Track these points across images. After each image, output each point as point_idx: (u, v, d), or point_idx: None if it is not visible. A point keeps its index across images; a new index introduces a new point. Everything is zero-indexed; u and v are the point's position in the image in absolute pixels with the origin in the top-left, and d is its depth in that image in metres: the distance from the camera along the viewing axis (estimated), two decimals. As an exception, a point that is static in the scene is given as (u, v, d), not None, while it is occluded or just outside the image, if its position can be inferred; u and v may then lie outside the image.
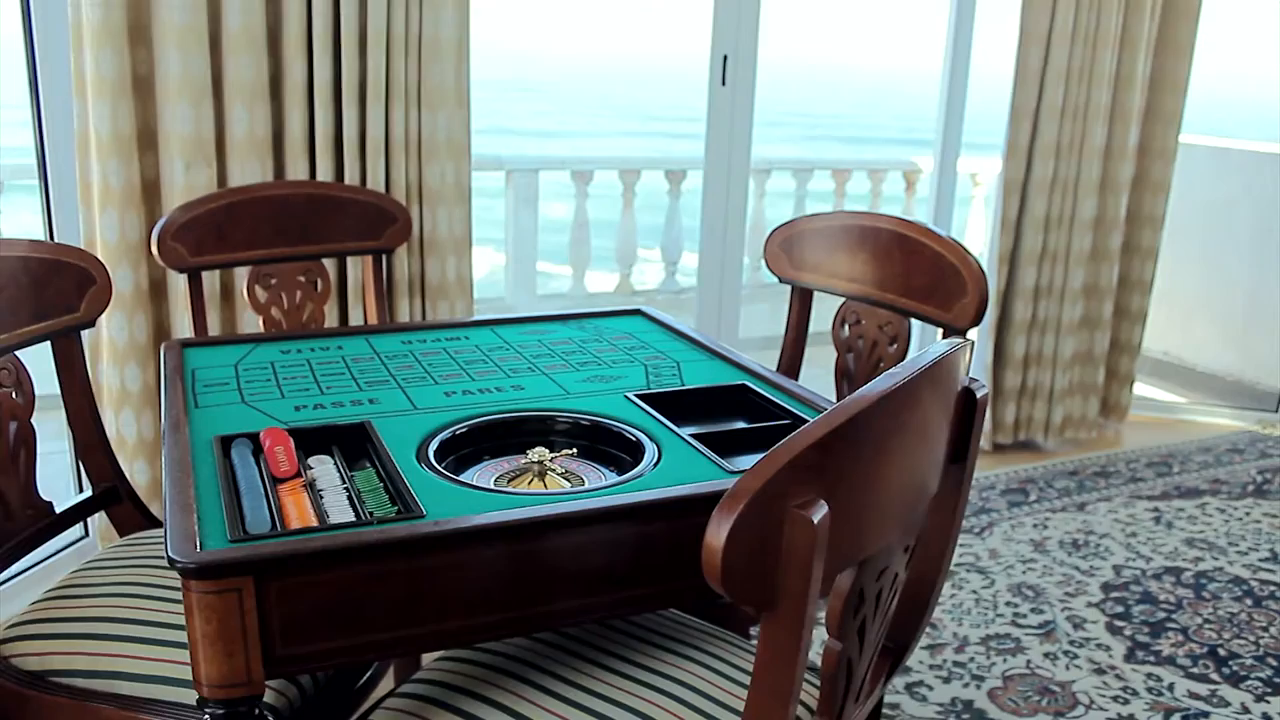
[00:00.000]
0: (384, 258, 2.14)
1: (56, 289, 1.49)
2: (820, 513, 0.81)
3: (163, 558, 1.43)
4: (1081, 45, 3.22)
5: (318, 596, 1.00)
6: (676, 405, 1.45)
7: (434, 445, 1.27)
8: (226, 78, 2.24)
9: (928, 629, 2.34)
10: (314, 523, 1.06)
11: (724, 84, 3.04)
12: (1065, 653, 2.32)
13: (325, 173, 2.35)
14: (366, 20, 2.30)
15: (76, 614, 1.32)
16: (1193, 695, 2.18)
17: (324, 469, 1.21)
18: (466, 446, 1.32)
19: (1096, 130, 3.32)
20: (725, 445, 1.32)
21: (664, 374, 1.58)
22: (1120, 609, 2.52)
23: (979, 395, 1.11)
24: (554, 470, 1.26)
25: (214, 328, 2.34)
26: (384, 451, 1.23)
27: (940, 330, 1.73)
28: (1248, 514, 3.10)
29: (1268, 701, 2.17)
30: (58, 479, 2.33)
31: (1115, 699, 2.16)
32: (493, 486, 1.20)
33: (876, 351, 1.85)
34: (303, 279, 2.06)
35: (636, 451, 1.29)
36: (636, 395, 1.46)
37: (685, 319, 1.91)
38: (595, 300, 4.98)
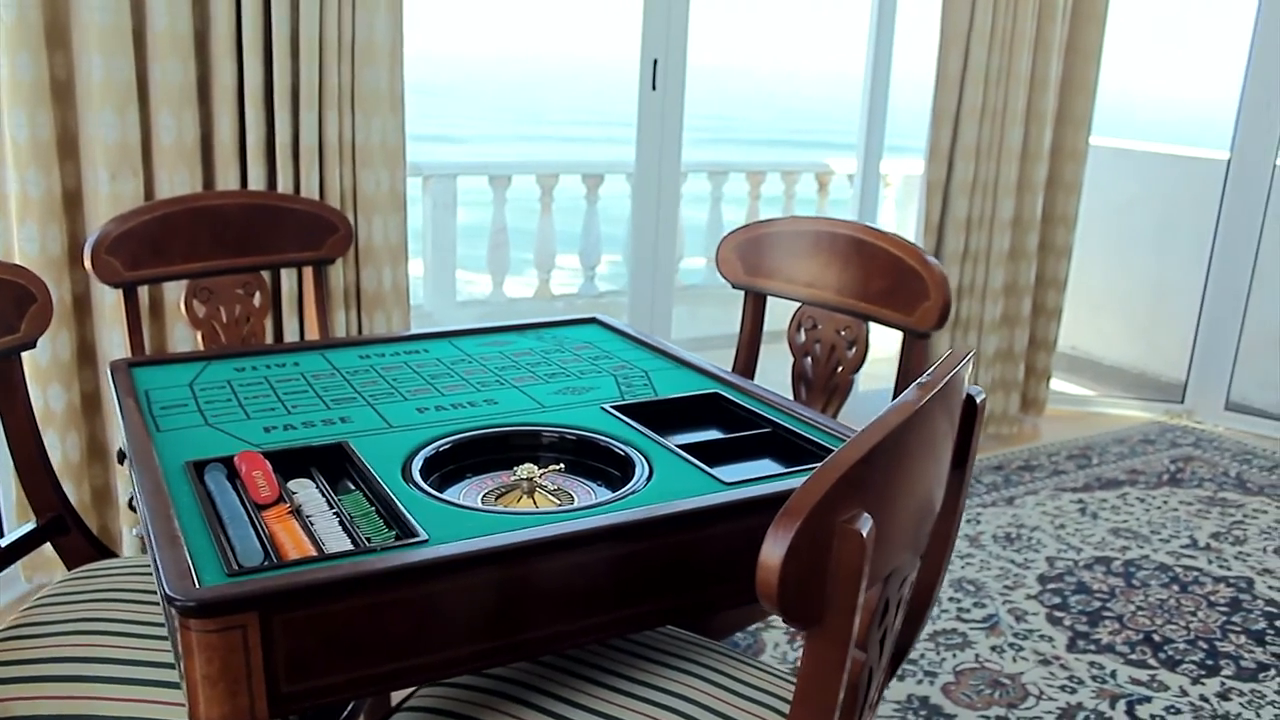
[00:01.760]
0: (322, 268, 2.07)
1: (-6, 309, 1.40)
2: (866, 526, 0.80)
3: (123, 590, 1.35)
4: (999, 49, 3.30)
5: (324, 630, 0.95)
6: (652, 415, 1.44)
7: (417, 464, 1.23)
8: (152, 82, 2.14)
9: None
10: (311, 552, 1.01)
11: (654, 88, 3.03)
12: (1011, 645, 2.37)
13: (257, 180, 2.26)
14: (298, 23, 2.22)
15: (36, 655, 1.24)
16: (1134, 681, 2.25)
17: (308, 493, 1.16)
18: (448, 464, 1.28)
19: (1014, 132, 3.41)
20: (707, 455, 1.30)
21: (635, 384, 1.56)
22: (1058, 600, 2.58)
23: (979, 401, 1.12)
24: (544, 487, 1.23)
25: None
26: (369, 473, 1.18)
27: (901, 334, 1.75)
28: (1165, 502, 3.22)
29: (1203, 684, 2.26)
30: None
31: (1063, 688, 2.21)
32: (484, 506, 1.16)
33: (835, 355, 1.86)
34: (241, 292, 1.98)
35: (625, 466, 1.27)
36: (612, 407, 1.44)
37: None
38: (516, 306, 4.93)
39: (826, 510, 0.78)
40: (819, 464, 1.26)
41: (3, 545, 1.40)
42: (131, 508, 1.59)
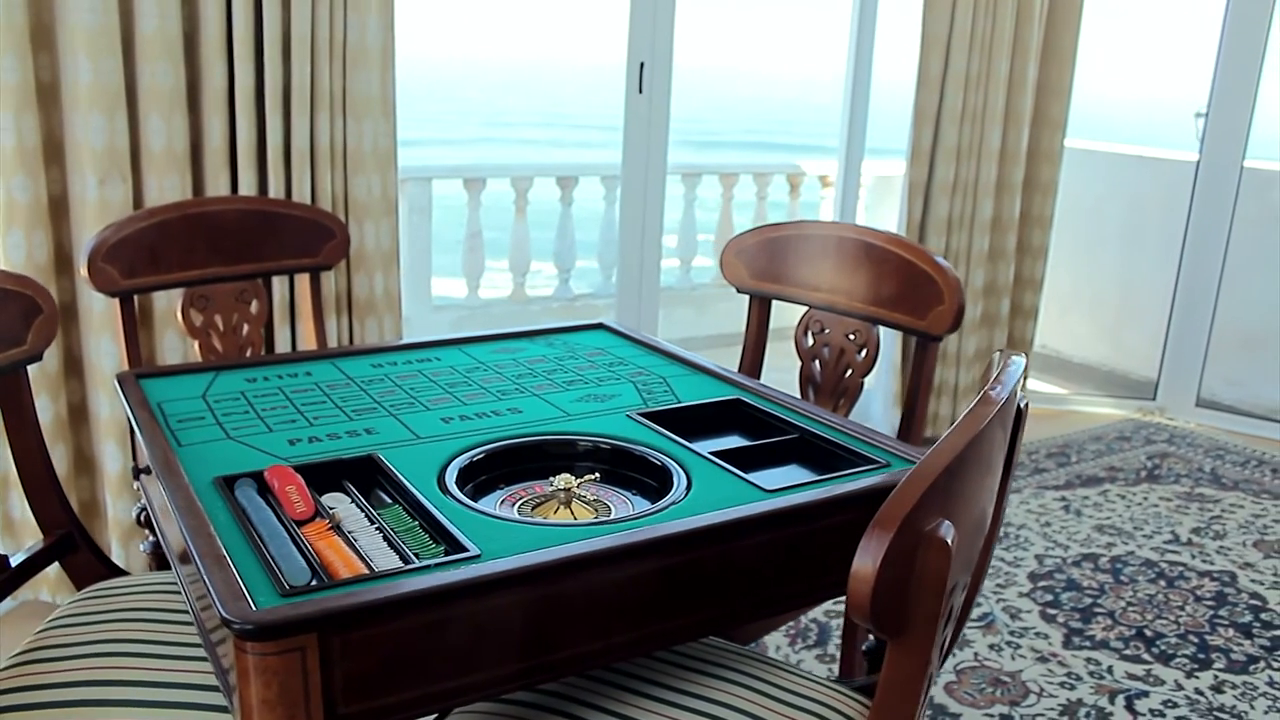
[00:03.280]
0: (318, 275, 2.04)
1: (1, 321, 1.36)
2: (950, 535, 0.80)
3: (142, 610, 1.32)
4: (979, 51, 3.33)
5: (381, 649, 0.93)
6: (677, 422, 1.42)
7: (452, 475, 1.21)
8: (141, 85, 2.09)
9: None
10: (362, 570, 0.99)
11: (640, 91, 3.02)
12: (1008, 643, 2.39)
13: (248, 185, 2.22)
14: (290, 25, 2.18)
15: (55, 679, 1.20)
16: (1131, 676, 2.28)
17: (346, 508, 1.13)
18: (480, 474, 1.26)
19: (993, 134, 3.44)
20: (738, 462, 1.29)
21: (656, 391, 1.55)
22: (1050, 597, 2.61)
23: (1024, 407, 1.12)
24: (582, 497, 1.21)
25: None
26: (405, 486, 1.16)
27: (914, 338, 1.75)
28: (1145, 498, 3.27)
29: (1197, 677, 2.29)
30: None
31: (1062, 685, 2.23)
32: (528, 518, 1.14)
33: (844, 359, 1.86)
34: (237, 300, 1.94)
35: (660, 475, 1.25)
36: (639, 414, 1.42)
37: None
38: (491, 309, 4.89)
39: (916, 519, 0.77)
40: (852, 470, 1.26)
41: (13, 566, 1.36)
42: (140, 523, 1.55)
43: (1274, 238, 4.12)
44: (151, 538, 1.56)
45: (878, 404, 3.70)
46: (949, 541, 0.79)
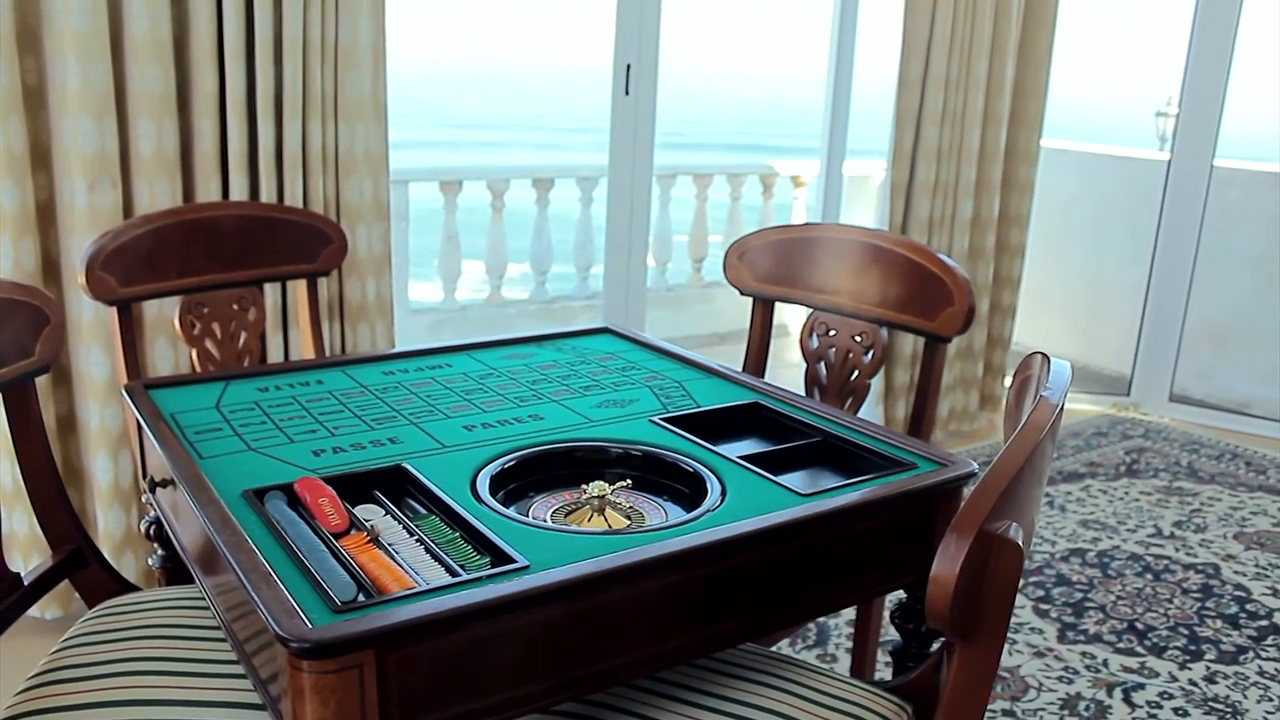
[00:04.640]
0: (315, 281, 2.01)
1: (9, 332, 1.32)
2: (1020, 537, 0.80)
3: (161, 626, 1.29)
4: (958, 53, 3.36)
5: (436, 665, 0.92)
6: (698, 426, 1.42)
7: (484, 484, 1.20)
8: (130, 88, 2.05)
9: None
10: (411, 583, 0.97)
11: (627, 93, 3.01)
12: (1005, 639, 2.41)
13: (239, 190, 2.18)
14: (281, 28, 2.15)
15: (78, 700, 1.17)
16: (1126, 669, 2.31)
17: (382, 520, 1.12)
18: (511, 482, 1.25)
19: (972, 134, 3.47)
20: (766, 466, 1.29)
21: (673, 395, 1.54)
22: (1041, 592, 2.64)
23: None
24: (617, 504, 1.20)
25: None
26: (441, 497, 1.14)
27: (923, 339, 1.76)
28: (1126, 493, 3.32)
29: (1190, 669, 2.32)
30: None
31: (1060, 679, 2.26)
32: (567, 527, 1.13)
33: (851, 361, 1.87)
34: (235, 307, 1.91)
35: (693, 481, 1.25)
36: (661, 419, 1.42)
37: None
38: (468, 312, 4.86)
39: (990, 524, 0.78)
40: (883, 472, 1.26)
41: (25, 584, 1.32)
42: (150, 536, 1.52)
43: (1241, 235, 4.20)
44: (162, 551, 1.53)
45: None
46: (1020, 543, 0.79)
